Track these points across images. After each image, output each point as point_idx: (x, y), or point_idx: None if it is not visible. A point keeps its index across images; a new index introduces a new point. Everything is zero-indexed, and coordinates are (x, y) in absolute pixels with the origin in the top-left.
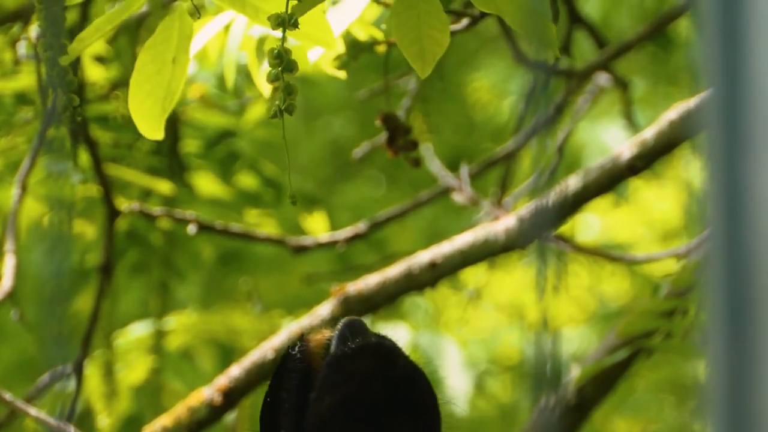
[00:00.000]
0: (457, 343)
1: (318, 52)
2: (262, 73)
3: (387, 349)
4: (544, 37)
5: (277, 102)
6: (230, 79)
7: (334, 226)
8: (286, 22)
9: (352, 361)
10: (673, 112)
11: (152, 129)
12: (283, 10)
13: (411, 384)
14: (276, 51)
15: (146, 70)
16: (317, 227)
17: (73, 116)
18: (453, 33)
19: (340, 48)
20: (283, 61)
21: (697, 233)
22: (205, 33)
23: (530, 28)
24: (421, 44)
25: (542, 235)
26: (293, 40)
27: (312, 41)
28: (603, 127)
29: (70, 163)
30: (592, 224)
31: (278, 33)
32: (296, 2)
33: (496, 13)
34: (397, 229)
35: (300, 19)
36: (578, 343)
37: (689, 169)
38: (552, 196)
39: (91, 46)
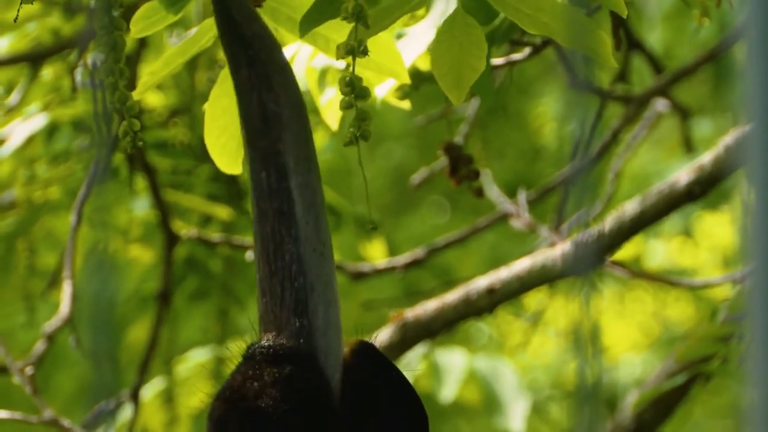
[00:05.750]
0: (519, 368)
1: (386, 88)
2: (324, 103)
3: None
4: (599, 58)
5: (351, 129)
6: None
7: (397, 252)
8: (355, 50)
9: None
10: (730, 138)
11: (230, 164)
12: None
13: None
14: (348, 79)
15: (220, 103)
16: (376, 253)
17: (135, 142)
18: (515, 62)
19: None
20: (354, 89)
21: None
22: None
23: (585, 51)
24: (458, 73)
25: (599, 261)
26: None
27: (383, 72)
28: (661, 153)
29: (127, 190)
30: (657, 250)
31: (341, 64)
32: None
33: (547, 34)
34: (459, 255)
35: (371, 50)
36: (641, 368)
37: (747, 194)
38: (609, 222)
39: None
